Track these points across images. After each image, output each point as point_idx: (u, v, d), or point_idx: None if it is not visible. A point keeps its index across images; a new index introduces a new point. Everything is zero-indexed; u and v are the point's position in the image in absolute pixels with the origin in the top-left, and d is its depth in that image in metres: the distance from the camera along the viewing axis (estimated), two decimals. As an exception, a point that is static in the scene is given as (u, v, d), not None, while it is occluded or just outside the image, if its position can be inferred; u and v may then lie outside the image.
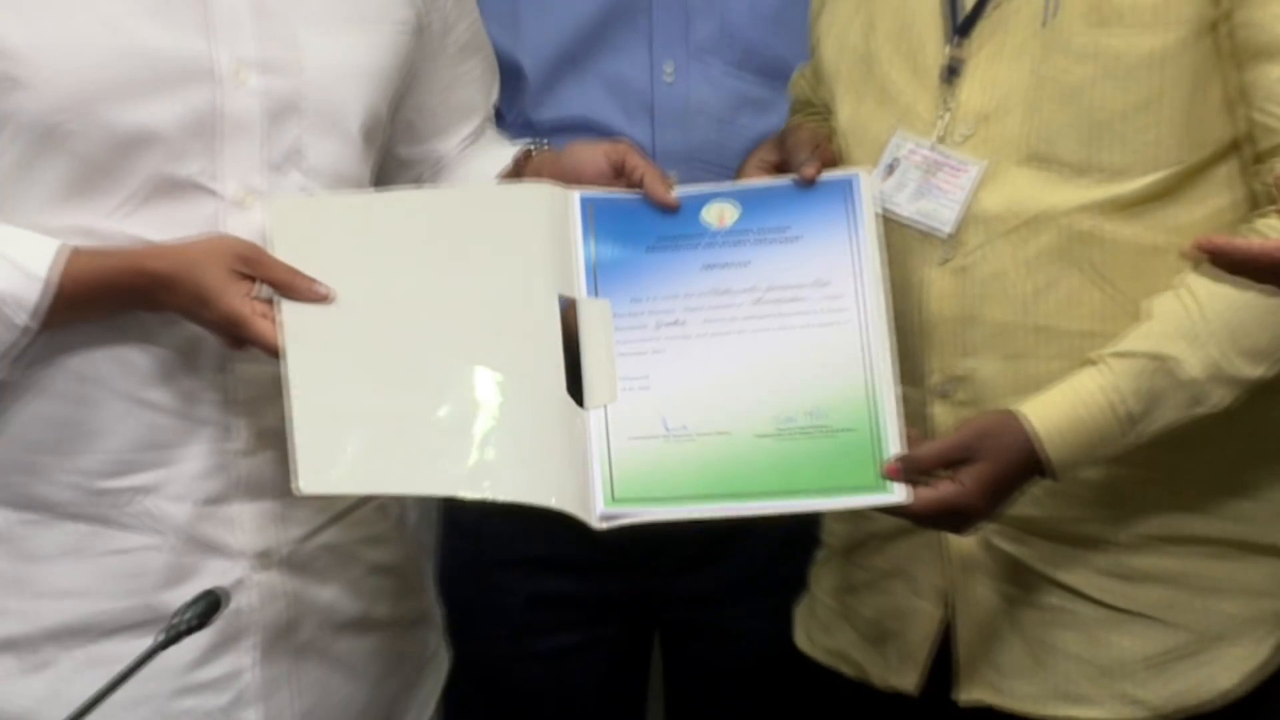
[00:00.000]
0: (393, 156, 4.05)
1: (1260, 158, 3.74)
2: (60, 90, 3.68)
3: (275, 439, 3.76)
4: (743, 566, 4.19)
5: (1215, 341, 3.67)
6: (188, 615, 3.45)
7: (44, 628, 3.79)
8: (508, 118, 4.59)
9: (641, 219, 3.94)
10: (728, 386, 3.84)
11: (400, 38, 3.96)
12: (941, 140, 3.87)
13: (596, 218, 3.92)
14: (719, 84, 4.45)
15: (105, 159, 3.73)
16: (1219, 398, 3.69)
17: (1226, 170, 3.79)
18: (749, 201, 3.96)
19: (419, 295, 3.82)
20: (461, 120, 4.14)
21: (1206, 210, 3.77)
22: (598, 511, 3.76)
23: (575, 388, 3.81)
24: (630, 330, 3.87)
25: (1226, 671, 3.83)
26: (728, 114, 4.32)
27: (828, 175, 3.97)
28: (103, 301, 3.73)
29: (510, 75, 4.58)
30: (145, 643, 3.44)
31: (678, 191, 3.99)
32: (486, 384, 3.80)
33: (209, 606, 3.47)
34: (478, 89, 4.18)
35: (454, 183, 4.11)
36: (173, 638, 3.43)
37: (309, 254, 3.72)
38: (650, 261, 3.92)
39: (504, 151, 4.16)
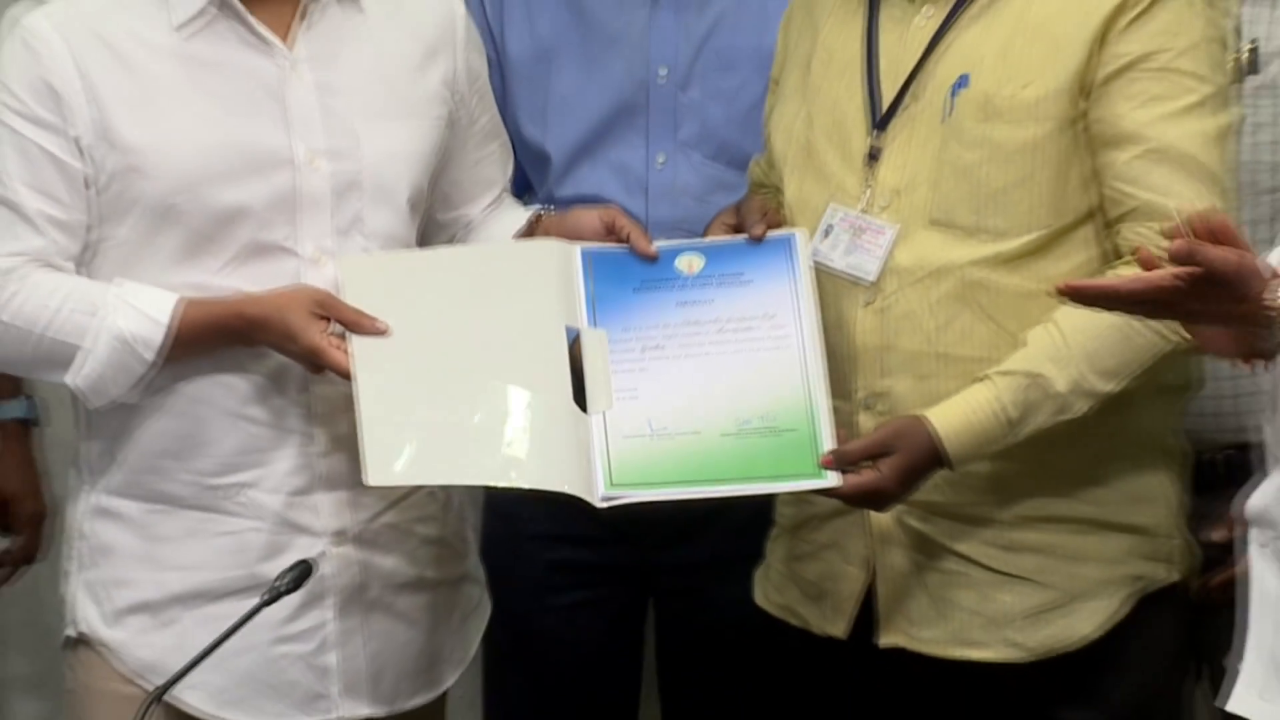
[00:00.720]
0: (432, 220, 4.13)
1: (1111, 223, 3.87)
2: (173, 178, 3.80)
3: (347, 443, 3.90)
4: (715, 542, 4.23)
5: (1076, 364, 3.78)
6: (285, 580, 3.63)
7: (170, 593, 3.90)
8: (539, 194, 4.66)
9: (629, 266, 4.05)
10: (698, 396, 3.95)
11: (436, 129, 4.05)
12: (865, 210, 3.97)
13: (594, 266, 4.03)
14: (699, 170, 4.47)
15: (210, 230, 3.86)
16: (1080, 407, 3.82)
17: (1086, 232, 3.91)
18: (712, 254, 4.09)
19: (457, 328, 3.95)
20: (485, 191, 4.21)
21: (1071, 264, 3.86)
22: (599, 494, 3.88)
23: (580, 398, 3.91)
24: (622, 353, 3.97)
25: (1086, 621, 3.94)
26: (705, 194, 4.35)
27: (773, 234, 4.09)
28: (210, 340, 3.87)
29: (539, 161, 4.65)
30: (249, 604, 3.63)
31: (657, 245, 4.09)
32: (511, 397, 3.93)
33: (301, 573, 3.66)
34: (497, 166, 4.26)
35: (481, 240, 4.20)
36: (273, 598, 3.63)
37: (371, 298, 3.87)
38: (636, 299, 4.03)
39: (519, 214, 4.24)
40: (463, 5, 4.26)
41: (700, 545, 4.32)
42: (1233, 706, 3.53)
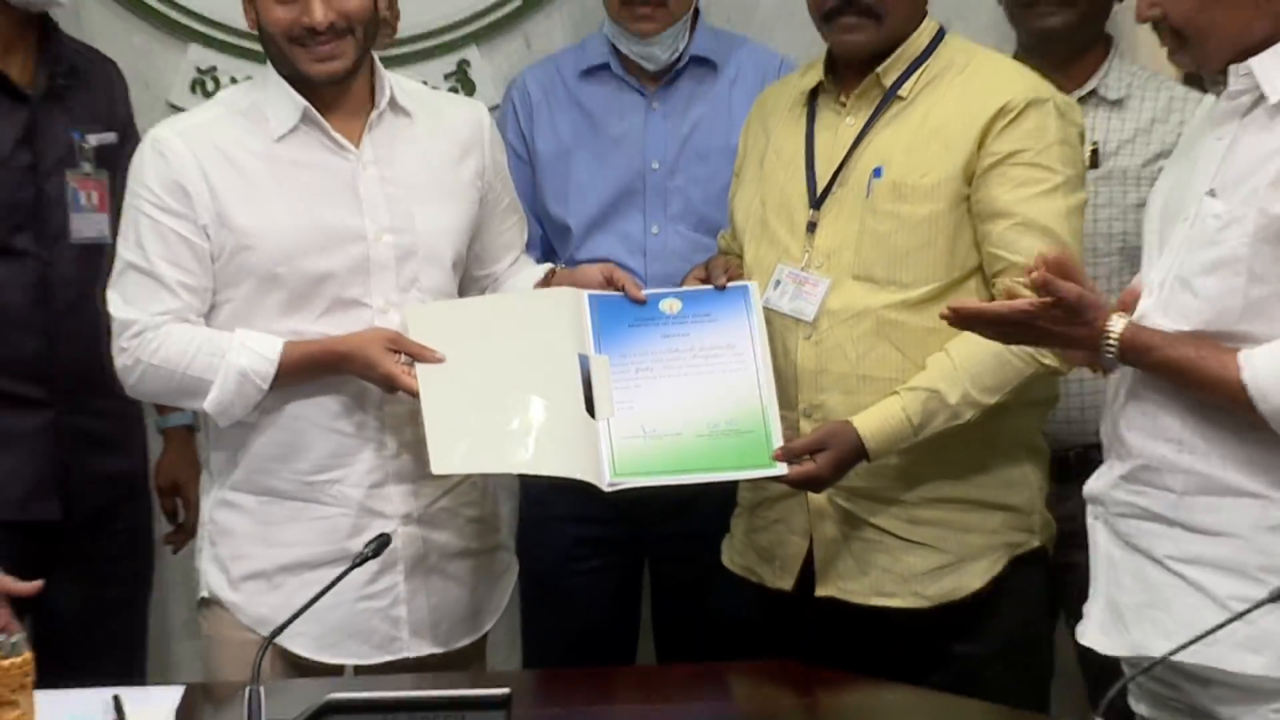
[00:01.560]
0: (468, 275, 4.15)
1: (991, 277, 3.96)
2: (275, 253, 3.90)
3: (412, 447, 4.01)
4: (695, 519, 4.22)
5: (964, 383, 3.87)
6: (369, 548, 3.56)
7: (278, 564, 3.98)
8: (561, 257, 4.61)
9: (624, 308, 4.08)
10: (679, 407, 4.00)
11: (471, 208, 4.09)
12: (805, 267, 4.04)
13: (598, 308, 4.07)
14: (684, 238, 4.47)
15: (304, 290, 3.95)
16: (968, 415, 3.91)
17: (972, 284, 4.00)
18: (687, 298, 4.13)
19: (496, 356, 4.01)
20: (508, 253, 4.24)
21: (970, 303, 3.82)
22: (606, 481, 3.93)
23: (589, 407, 3.93)
24: (620, 373, 4.01)
25: (973, 578, 4.02)
26: (688, 255, 4.29)
27: (732, 285, 4.14)
28: (307, 371, 3.95)
29: (563, 232, 4.66)
30: (337, 571, 3.55)
31: (645, 292, 4.11)
32: (538, 407, 3.98)
33: (381, 544, 3.58)
34: (516, 234, 4.28)
35: (509, 290, 4.24)
36: (360, 561, 3.56)
37: (430, 336, 3.93)
38: (631, 333, 4.07)
39: (537, 270, 4.26)
40: (488, 114, 4.34)
41: (683, 521, 4.33)
42: (1084, 640, 3.60)
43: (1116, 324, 3.39)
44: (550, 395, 4.01)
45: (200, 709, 3.50)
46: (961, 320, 3.55)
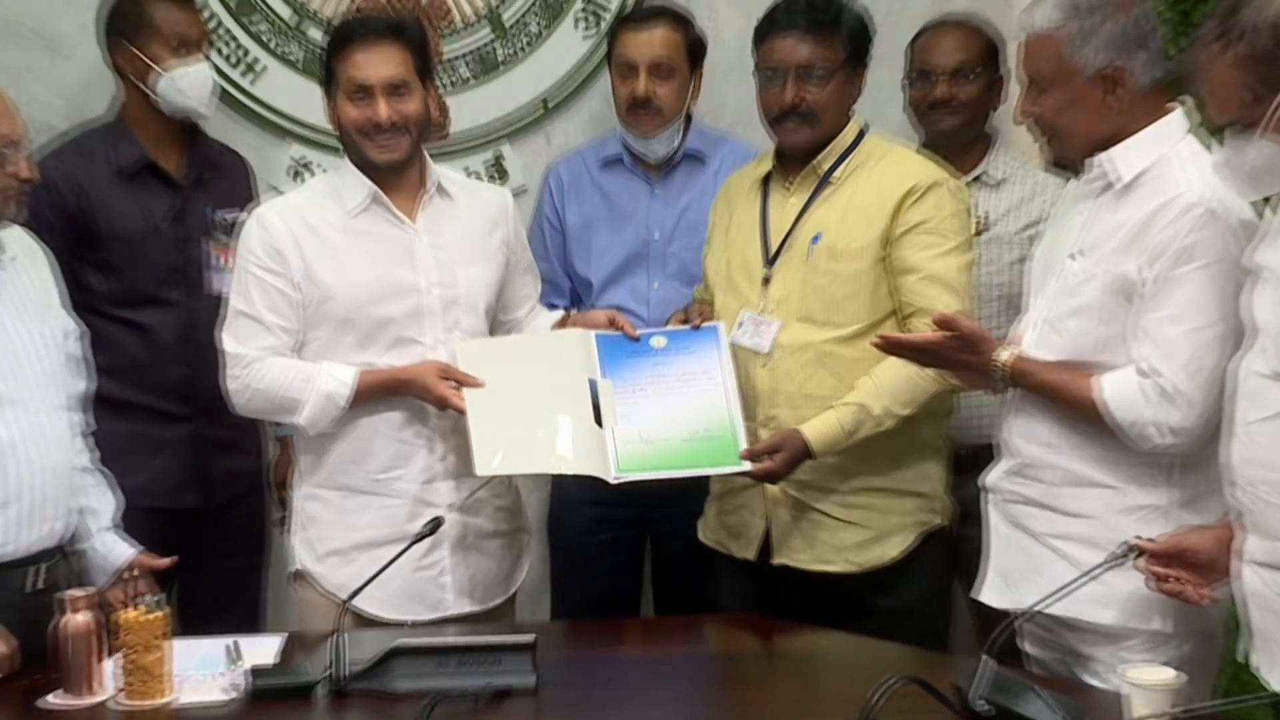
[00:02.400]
0: (495, 320, 4.12)
1: (903, 319, 3.96)
2: (350, 302, 3.94)
3: (456, 452, 4.02)
4: (682, 505, 4.22)
5: (885, 399, 3.90)
6: (425, 529, 3.69)
7: (352, 544, 3.97)
8: (585, 304, 4.61)
9: (623, 344, 4.07)
10: (666, 419, 3.99)
11: (499, 268, 4.10)
12: (762, 312, 4.03)
13: (603, 344, 4.06)
14: (678, 291, 4.40)
15: (372, 332, 3.97)
16: (888, 424, 3.91)
17: (889, 324, 3.95)
18: (671, 336, 4.11)
19: (524, 381, 3.99)
20: (526, 302, 4.23)
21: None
22: (613, 476, 3.92)
23: (598, 420, 3.94)
24: (620, 393, 3.99)
25: (892, 549, 4.02)
26: (681, 305, 4.29)
27: (705, 325, 4.11)
28: (377, 393, 3.96)
29: (586, 286, 4.63)
30: (398, 548, 3.63)
31: (639, 331, 4.12)
32: (559, 420, 3.98)
33: (435, 525, 3.72)
34: (533, 288, 4.27)
35: (531, 331, 4.24)
36: (417, 540, 3.70)
37: (474, 365, 3.94)
38: (628, 362, 4.06)
39: (553, 315, 4.30)
40: (510, 197, 4.31)
41: (674, 505, 4.30)
42: (979, 597, 3.68)
43: (1003, 354, 3.51)
44: (567, 411, 4.01)
45: (296, 653, 3.50)
46: (888, 347, 3.72)
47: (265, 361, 3.91)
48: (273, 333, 3.92)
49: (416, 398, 3.96)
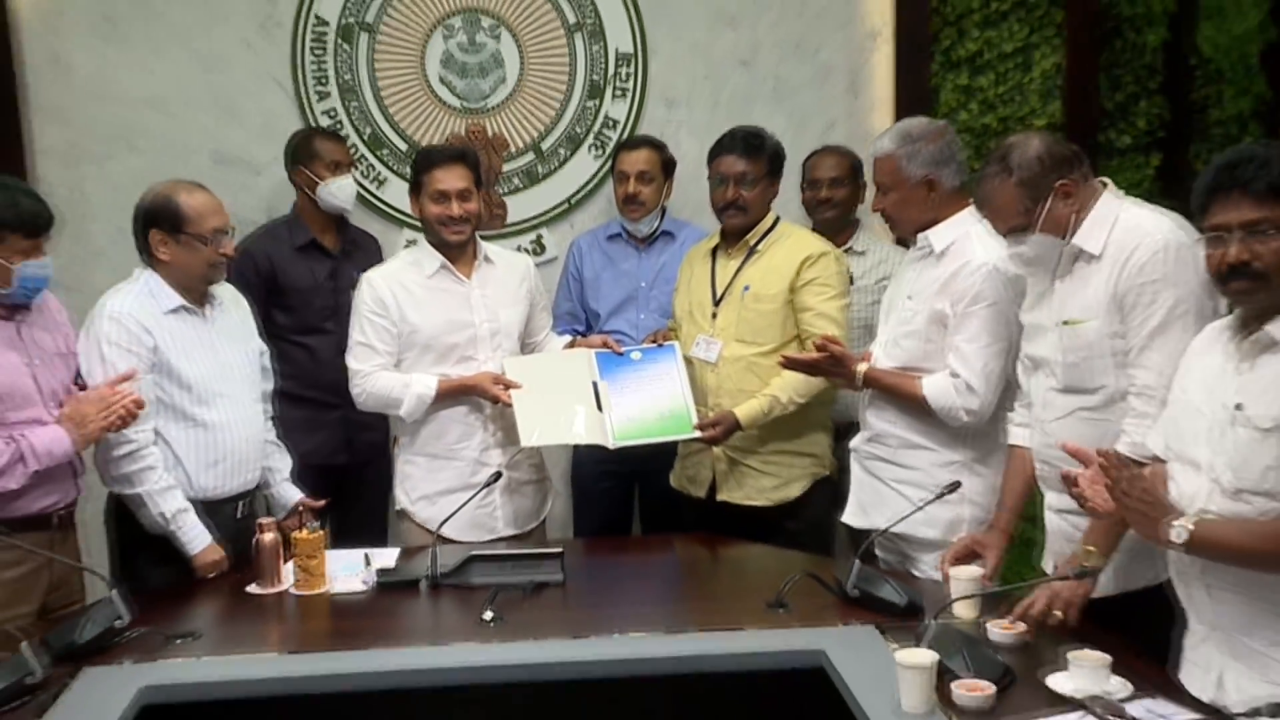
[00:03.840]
0: (523, 343, 4.02)
1: (802, 340, 3.87)
2: (429, 334, 3.85)
3: (504, 430, 3.93)
4: (658, 462, 4.10)
5: (789, 391, 3.84)
6: (490, 480, 3.70)
7: (435, 491, 3.89)
8: (594, 329, 4.48)
9: (612, 358, 3.98)
10: (644, 405, 3.91)
11: (526, 308, 4.01)
12: (711, 336, 3.96)
13: (600, 359, 3.98)
14: (656, 321, 4.28)
15: (444, 353, 3.88)
16: (792, 408, 3.86)
17: (794, 345, 3.88)
18: (645, 352, 4.03)
19: (549, 383, 3.91)
20: (542, 330, 4.10)
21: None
22: (612, 443, 3.85)
23: (599, 408, 3.88)
24: (613, 391, 3.91)
25: (795, 490, 3.96)
26: (656, 329, 4.27)
27: (666, 344, 4.05)
28: (450, 394, 3.87)
29: (595, 316, 4.51)
30: (466, 495, 3.65)
31: (624, 349, 4.06)
32: (574, 408, 3.91)
33: (495, 478, 3.71)
34: (547, 321, 4.15)
35: (551, 350, 4.16)
36: (481, 490, 3.70)
37: (515, 373, 3.87)
38: (617, 370, 3.96)
39: (561, 339, 4.19)
40: (532, 262, 4.23)
41: (652, 462, 4.14)
42: (848, 521, 3.72)
43: (861, 367, 3.57)
44: (579, 402, 3.93)
45: (405, 559, 3.51)
46: (789, 364, 3.73)
47: (376, 375, 3.84)
48: (380, 355, 3.84)
49: (478, 396, 3.88)
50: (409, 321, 3.86)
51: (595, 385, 4.00)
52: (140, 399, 3.30)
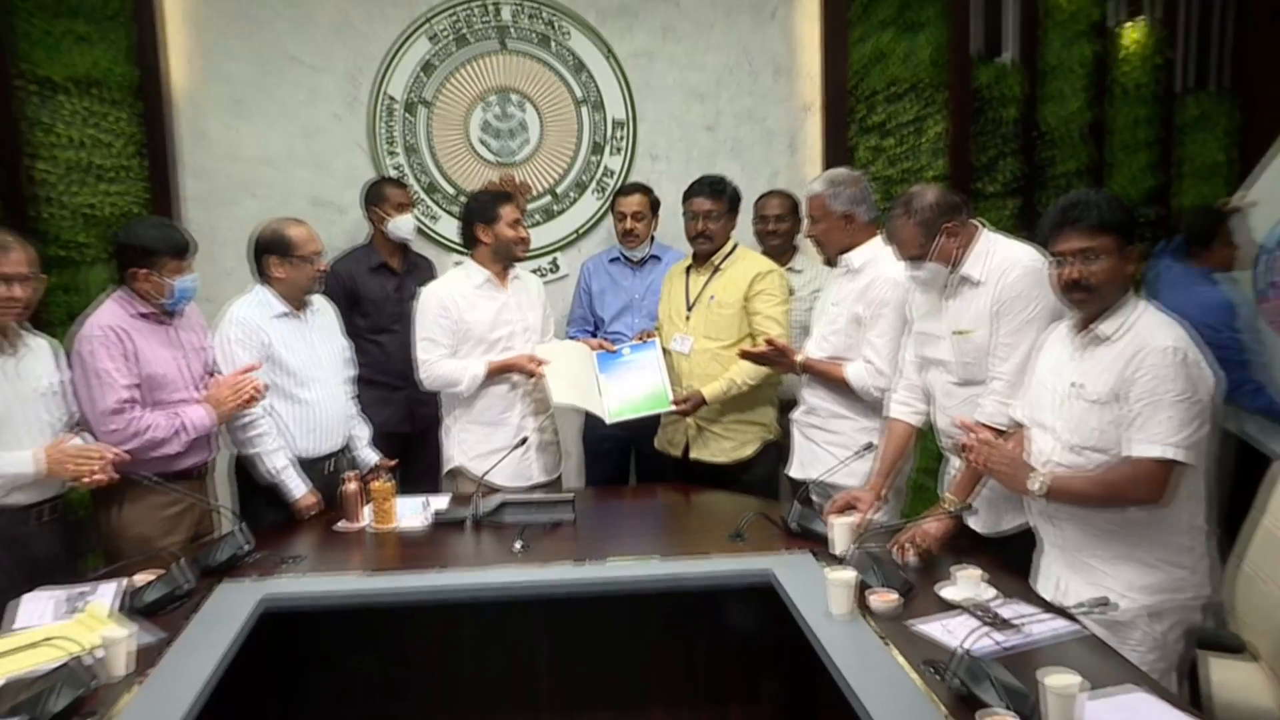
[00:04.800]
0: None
1: (754, 337, 3.80)
2: (478, 331, 3.78)
3: (535, 403, 3.86)
4: (646, 429, 4.00)
5: (745, 376, 3.78)
6: (521, 440, 3.66)
7: (485, 451, 3.76)
8: (600, 330, 4.42)
9: (608, 355, 3.95)
10: (633, 388, 3.86)
11: (542, 313, 3.93)
12: (685, 334, 3.89)
13: (599, 357, 3.95)
14: (645, 323, 4.15)
15: (490, 345, 3.80)
16: (746, 388, 3.78)
17: (748, 340, 3.79)
18: (634, 349, 3.97)
19: (568, 363, 3.87)
20: (549, 333, 3.94)
21: (743, 347, 3.72)
22: (608, 420, 3.82)
23: (599, 393, 3.85)
24: (607, 380, 3.88)
25: (748, 450, 3.87)
26: (645, 329, 4.22)
27: (648, 340, 3.99)
28: (497, 372, 3.79)
29: (601, 321, 4.43)
30: (502, 451, 3.50)
31: (617, 347, 4.01)
32: (585, 384, 3.86)
33: (523, 441, 3.67)
34: (551, 324, 3.98)
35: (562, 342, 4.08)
36: (514, 449, 3.61)
37: (546, 354, 3.82)
38: (611, 363, 3.93)
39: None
40: (541, 281, 4.12)
41: (642, 430, 4.01)
42: (790, 474, 3.65)
43: (799, 358, 3.55)
44: (588, 380, 3.88)
45: (454, 504, 3.50)
46: (745, 355, 3.67)
47: (439, 362, 3.77)
48: (442, 346, 3.76)
49: (517, 372, 3.79)
50: (464, 320, 3.78)
51: (597, 376, 3.94)
52: (263, 385, 3.35)
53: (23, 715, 1.96)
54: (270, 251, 3.51)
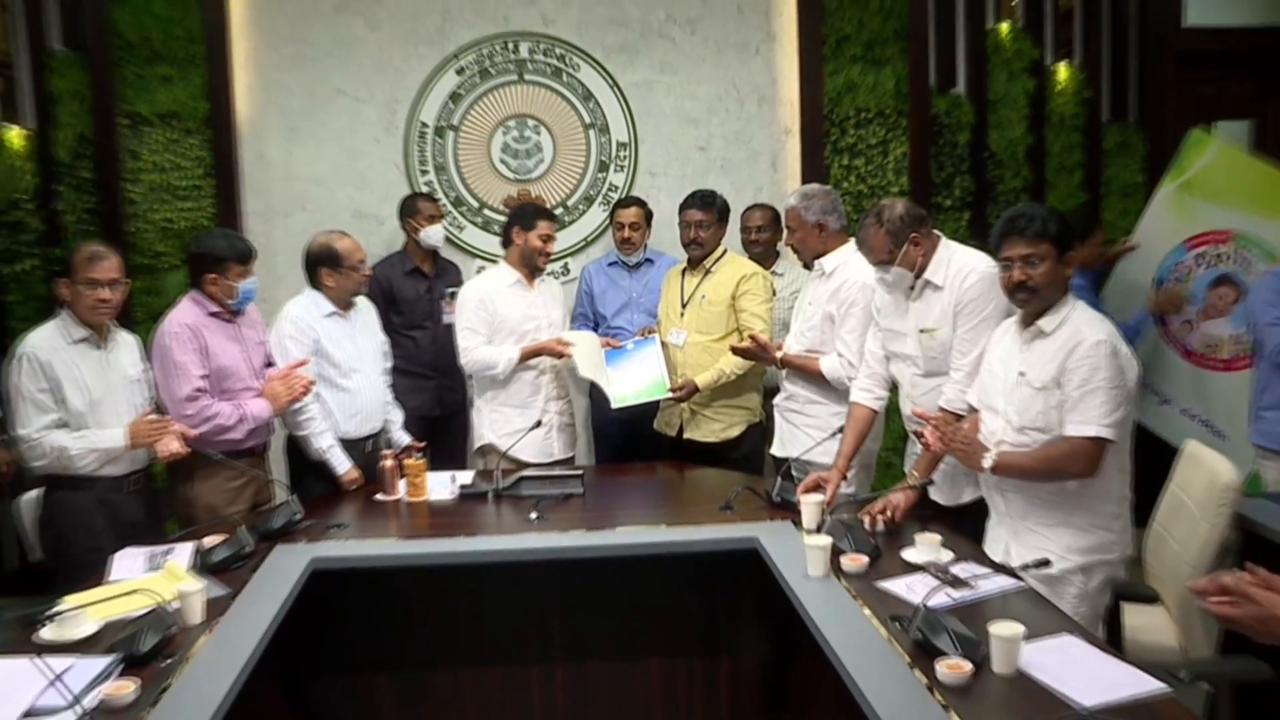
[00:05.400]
0: None
1: (741, 332, 3.78)
2: (511, 323, 3.80)
3: (557, 389, 3.89)
4: (648, 413, 4.03)
5: (731, 365, 3.75)
6: (536, 422, 3.61)
7: (514, 429, 3.74)
8: (599, 330, 4.31)
9: (614, 351, 3.95)
10: (634, 379, 3.84)
11: (561, 308, 3.94)
12: (680, 329, 3.86)
13: (607, 353, 3.94)
14: (645, 320, 4.10)
15: (521, 335, 3.80)
16: (734, 376, 3.76)
17: (735, 335, 3.78)
18: (636, 342, 3.97)
19: (588, 349, 3.88)
20: (565, 328, 3.93)
21: (732, 342, 3.73)
22: (614, 406, 3.83)
23: (607, 377, 3.84)
24: (614, 369, 3.87)
25: (736, 431, 3.82)
26: (645, 325, 4.19)
27: (649, 335, 3.99)
28: (529, 356, 3.80)
29: (601, 318, 4.35)
30: (533, 432, 3.48)
31: (620, 343, 4.02)
32: (601, 369, 3.85)
33: (537, 424, 3.65)
34: (567, 321, 4.00)
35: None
36: (533, 426, 3.57)
37: (571, 338, 3.85)
38: (618, 357, 3.93)
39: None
40: (559, 282, 4.14)
41: (642, 413, 3.98)
42: (774, 452, 3.60)
43: (779, 354, 3.53)
44: (601, 365, 3.87)
45: (478, 478, 3.49)
46: (734, 350, 3.67)
47: (478, 348, 3.76)
48: (480, 335, 3.76)
49: (548, 354, 3.80)
50: (499, 314, 3.78)
51: (605, 367, 3.92)
52: (310, 381, 3.37)
53: (119, 652, 2.07)
54: (321, 264, 3.54)
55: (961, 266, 2.94)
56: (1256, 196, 3.93)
